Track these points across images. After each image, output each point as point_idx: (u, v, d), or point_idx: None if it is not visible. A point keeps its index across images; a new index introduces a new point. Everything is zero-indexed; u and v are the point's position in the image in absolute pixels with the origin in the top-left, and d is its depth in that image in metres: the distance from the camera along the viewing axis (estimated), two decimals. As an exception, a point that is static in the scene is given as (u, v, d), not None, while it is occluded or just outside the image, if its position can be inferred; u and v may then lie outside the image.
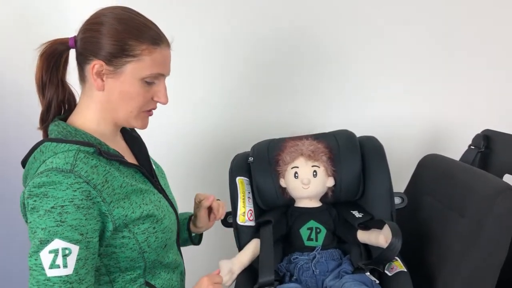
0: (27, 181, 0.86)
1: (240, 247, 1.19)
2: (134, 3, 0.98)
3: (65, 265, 0.78)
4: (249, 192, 1.24)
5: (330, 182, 1.19)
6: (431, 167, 1.29)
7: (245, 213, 1.21)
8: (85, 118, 0.92)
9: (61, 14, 1.59)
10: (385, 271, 1.06)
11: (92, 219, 0.82)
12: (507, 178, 1.17)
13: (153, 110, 0.97)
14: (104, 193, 0.84)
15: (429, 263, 1.13)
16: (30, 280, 0.78)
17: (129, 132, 1.06)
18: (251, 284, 1.07)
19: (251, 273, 1.12)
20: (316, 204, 1.20)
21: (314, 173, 1.16)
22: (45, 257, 0.77)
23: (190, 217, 1.20)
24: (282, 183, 1.21)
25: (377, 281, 1.03)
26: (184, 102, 1.64)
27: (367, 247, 1.15)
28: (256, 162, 1.25)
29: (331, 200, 1.22)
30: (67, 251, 0.78)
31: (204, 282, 0.95)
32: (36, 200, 0.79)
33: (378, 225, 1.08)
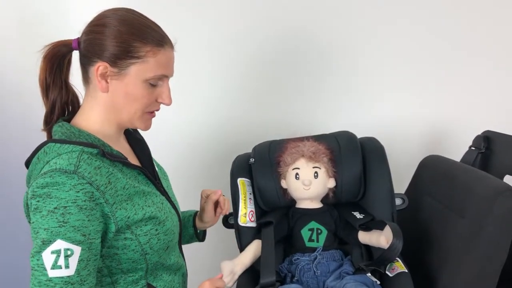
0: (31, 182, 0.86)
1: (242, 248, 1.19)
2: (135, 4, 0.98)
3: (67, 266, 0.78)
4: (250, 193, 1.24)
5: (331, 183, 1.19)
6: (432, 168, 1.29)
7: (247, 214, 1.21)
8: (89, 120, 0.92)
9: (62, 15, 1.60)
10: (386, 272, 1.06)
11: (95, 220, 0.82)
12: (508, 179, 1.17)
13: (156, 111, 0.97)
14: (107, 195, 0.84)
15: (430, 264, 1.13)
16: (32, 280, 0.78)
17: (133, 134, 1.06)
18: (253, 285, 1.08)
19: (253, 274, 1.12)
20: (317, 205, 1.20)
21: (315, 174, 1.16)
22: (47, 258, 0.77)
23: (195, 214, 1.20)
24: (283, 184, 1.22)
25: (378, 282, 1.03)
26: (185, 103, 1.64)
27: (368, 248, 1.15)
28: (257, 163, 1.25)
29: (332, 201, 1.22)
30: (69, 252, 0.78)
31: (206, 286, 0.95)
32: (39, 201, 0.79)
33: (379, 226, 1.08)
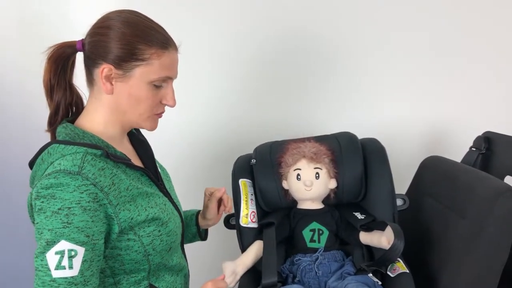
0: (35, 182, 0.86)
1: (243, 249, 1.19)
2: (135, 4, 0.98)
3: (71, 267, 0.78)
4: (252, 194, 1.25)
5: (332, 184, 1.19)
6: (433, 169, 1.29)
7: (248, 215, 1.21)
8: (93, 121, 0.93)
9: (62, 15, 1.60)
10: (388, 272, 1.06)
11: (99, 221, 0.82)
12: (508, 180, 1.17)
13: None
14: (111, 196, 0.84)
15: (431, 265, 1.13)
16: (36, 281, 0.79)
17: (136, 135, 1.06)
18: (255, 286, 1.08)
19: (254, 275, 1.12)
20: (319, 206, 1.20)
21: (317, 175, 1.17)
22: (51, 258, 0.77)
23: (198, 213, 1.21)
24: (285, 185, 1.22)
25: (380, 282, 1.03)
26: (187, 104, 1.64)
27: (369, 249, 1.15)
28: (259, 164, 1.25)
29: (333, 202, 1.22)
30: (73, 253, 0.78)
31: (209, 287, 0.95)
32: (44, 201, 0.80)
33: (380, 227, 1.09)
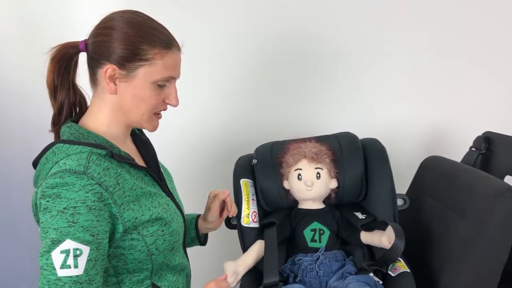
0: (39, 182, 0.87)
1: (245, 249, 1.19)
2: (135, 4, 0.99)
3: (76, 266, 0.78)
4: (253, 194, 1.25)
5: (333, 184, 1.20)
6: (433, 169, 1.29)
7: (249, 215, 1.22)
8: (97, 121, 0.93)
9: (62, 15, 1.60)
10: (389, 272, 1.07)
11: (103, 221, 0.83)
12: (508, 180, 1.18)
13: (161, 112, 0.98)
14: (115, 195, 0.85)
15: (431, 264, 1.14)
16: (41, 280, 0.79)
17: (139, 136, 1.07)
18: (256, 285, 1.09)
19: (256, 274, 1.13)
20: (319, 206, 1.21)
21: (317, 175, 1.17)
22: (56, 257, 0.78)
23: (197, 217, 1.21)
24: (286, 185, 1.22)
25: (381, 282, 1.04)
26: (188, 104, 1.63)
27: (370, 248, 1.16)
28: (260, 164, 1.25)
29: (334, 202, 1.23)
30: (78, 252, 0.79)
31: (212, 287, 0.96)
32: (49, 201, 0.80)
33: (381, 227, 1.09)
